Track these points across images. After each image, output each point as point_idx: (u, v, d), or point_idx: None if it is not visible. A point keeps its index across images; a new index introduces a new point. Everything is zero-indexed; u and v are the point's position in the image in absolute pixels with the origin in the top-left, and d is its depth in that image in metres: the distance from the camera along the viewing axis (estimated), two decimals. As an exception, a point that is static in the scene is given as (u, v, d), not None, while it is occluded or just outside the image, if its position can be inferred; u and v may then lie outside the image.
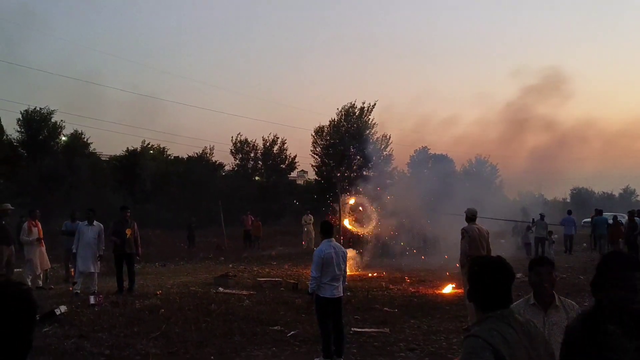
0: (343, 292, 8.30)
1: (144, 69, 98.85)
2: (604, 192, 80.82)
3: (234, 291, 13.39)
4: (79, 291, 12.87)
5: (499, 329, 2.61)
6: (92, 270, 13.22)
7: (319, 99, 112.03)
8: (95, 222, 13.44)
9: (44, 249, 14.37)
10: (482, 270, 2.77)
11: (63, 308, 10.43)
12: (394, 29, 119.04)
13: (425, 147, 52.13)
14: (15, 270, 14.53)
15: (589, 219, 26.89)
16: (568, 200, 68.29)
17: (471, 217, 10.45)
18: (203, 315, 10.43)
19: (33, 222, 14.41)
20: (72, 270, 14.62)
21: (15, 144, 39.39)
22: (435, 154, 50.91)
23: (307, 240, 27.21)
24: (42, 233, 14.44)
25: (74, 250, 13.42)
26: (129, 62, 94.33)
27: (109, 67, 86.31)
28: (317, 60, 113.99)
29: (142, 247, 14.50)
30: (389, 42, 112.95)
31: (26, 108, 40.18)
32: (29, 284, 13.86)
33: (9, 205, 14.86)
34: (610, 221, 24.10)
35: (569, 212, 26.30)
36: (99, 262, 13.28)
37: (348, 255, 8.59)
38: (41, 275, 14.49)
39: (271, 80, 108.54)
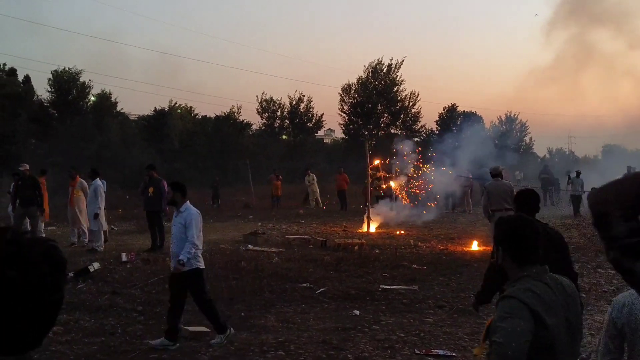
0: None
1: (166, 26, 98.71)
2: (637, 149, 78.91)
3: (263, 248, 13.48)
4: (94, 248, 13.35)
5: (535, 288, 2.58)
6: (90, 227, 13.81)
7: (347, 55, 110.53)
8: (94, 181, 13.91)
9: (75, 208, 14.56)
10: (506, 229, 2.77)
11: (96, 265, 10.61)
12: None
13: (454, 104, 51.48)
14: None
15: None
16: (600, 157, 66.94)
17: (494, 174, 11.03)
18: (232, 273, 10.52)
19: (72, 182, 14.68)
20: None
21: (45, 104, 39.84)
22: (464, 111, 50.28)
23: (313, 200, 26.43)
24: (74, 193, 14.59)
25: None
26: (151, 20, 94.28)
27: (132, 25, 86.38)
28: (343, 14, 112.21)
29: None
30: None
31: (55, 68, 40.52)
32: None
33: (26, 166, 14.95)
34: None
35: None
36: (97, 220, 13.51)
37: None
38: (76, 232, 14.79)
39: (296, 37, 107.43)
